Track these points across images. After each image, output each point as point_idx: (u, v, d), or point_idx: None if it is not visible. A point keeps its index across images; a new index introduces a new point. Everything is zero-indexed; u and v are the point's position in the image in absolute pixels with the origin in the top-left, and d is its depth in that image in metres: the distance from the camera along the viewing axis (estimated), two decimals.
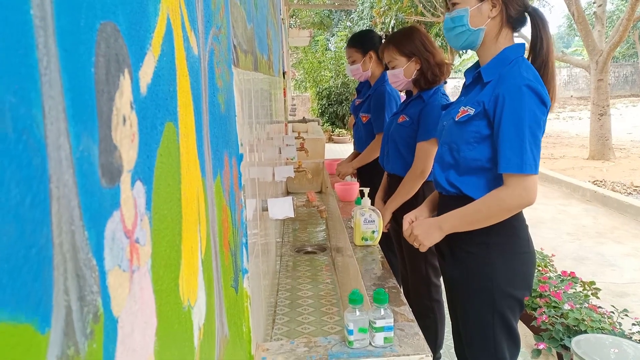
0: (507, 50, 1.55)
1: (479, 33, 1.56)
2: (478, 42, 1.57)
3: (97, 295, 0.36)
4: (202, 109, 0.77)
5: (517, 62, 1.52)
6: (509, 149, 1.45)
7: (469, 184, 1.57)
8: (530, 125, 1.44)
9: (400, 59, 2.28)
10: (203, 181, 0.75)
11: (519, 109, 1.44)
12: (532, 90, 1.44)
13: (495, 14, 1.54)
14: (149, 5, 0.51)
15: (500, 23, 1.55)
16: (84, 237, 0.34)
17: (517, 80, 1.46)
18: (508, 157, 1.45)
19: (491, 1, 1.53)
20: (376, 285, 1.63)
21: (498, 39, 1.56)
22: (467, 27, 1.56)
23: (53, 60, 0.31)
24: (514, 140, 1.44)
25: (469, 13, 1.55)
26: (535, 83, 1.46)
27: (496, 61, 1.55)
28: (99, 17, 0.38)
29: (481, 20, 1.55)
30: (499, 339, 1.60)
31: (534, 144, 1.45)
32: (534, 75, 1.49)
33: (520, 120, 1.44)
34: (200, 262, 0.71)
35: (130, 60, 0.45)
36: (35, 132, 0.28)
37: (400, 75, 2.30)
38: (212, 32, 0.89)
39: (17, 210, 0.26)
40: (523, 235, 1.60)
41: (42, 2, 0.30)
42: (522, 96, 1.44)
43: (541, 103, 1.46)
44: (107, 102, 0.39)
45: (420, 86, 2.31)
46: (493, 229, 1.55)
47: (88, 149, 0.35)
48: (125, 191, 0.43)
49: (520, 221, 1.60)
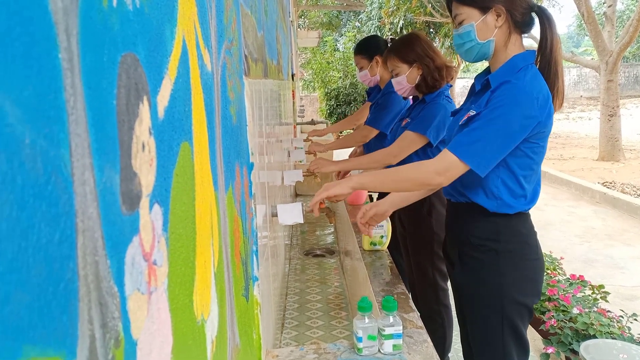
0: (516, 57, 1.55)
1: (489, 44, 1.56)
2: (490, 53, 1.57)
3: (118, 320, 0.37)
4: (215, 123, 0.78)
5: (525, 70, 1.51)
6: (466, 135, 1.48)
7: (476, 192, 1.58)
8: (500, 128, 1.44)
9: (403, 66, 2.33)
10: (216, 195, 0.77)
11: (499, 108, 1.45)
12: (522, 99, 1.45)
13: (501, 22, 1.53)
14: (165, 30, 0.52)
15: (508, 30, 1.55)
16: (106, 266, 0.35)
17: (514, 86, 1.47)
18: (460, 141, 1.48)
19: (494, 11, 1.53)
20: (385, 291, 1.64)
21: (507, 46, 1.56)
22: (475, 42, 1.56)
23: (79, 99, 0.32)
24: (476, 132, 1.46)
25: (475, 27, 1.55)
26: (530, 94, 1.46)
27: (505, 68, 1.55)
28: (120, 50, 0.40)
29: (489, 32, 1.55)
30: (508, 346, 1.60)
31: (491, 145, 1.45)
32: (538, 85, 1.49)
33: (493, 119, 1.45)
34: (213, 275, 0.72)
35: (149, 87, 0.46)
36: (64, 171, 0.30)
37: (403, 82, 2.34)
38: (225, 45, 0.90)
39: (47, 248, 0.28)
40: (532, 242, 1.61)
41: (69, 44, 0.31)
42: (509, 100, 1.45)
43: (528, 116, 1.45)
44: (128, 131, 0.41)
45: (423, 91, 2.35)
46: (502, 236, 1.55)
47: (110, 180, 0.37)
48: (144, 216, 0.44)
49: (528, 228, 1.60)
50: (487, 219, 1.58)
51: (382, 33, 14.43)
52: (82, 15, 0.33)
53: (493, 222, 1.58)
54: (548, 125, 1.51)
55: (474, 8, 1.54)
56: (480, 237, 1.60)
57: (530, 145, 1.50)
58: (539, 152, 1.53)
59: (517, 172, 1.53)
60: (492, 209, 1.56)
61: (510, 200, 1.55)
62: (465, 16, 1.56)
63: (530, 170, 1.55)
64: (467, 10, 1.56)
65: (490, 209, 1.56)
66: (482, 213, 1.58)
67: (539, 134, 1.50)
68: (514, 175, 1.53)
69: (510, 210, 1.56)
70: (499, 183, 1.54)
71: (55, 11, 0.30)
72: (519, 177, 1.53)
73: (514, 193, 1.55)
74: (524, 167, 1.53)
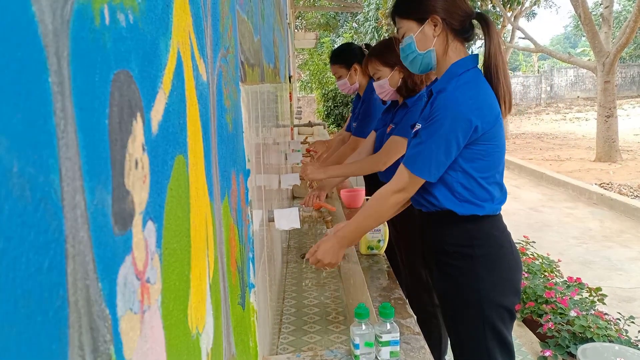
0: (454, 65, 1.58)
1: (430, 54, 1.60)
2: (433, 62, 1.62)
3: (110, 343, 0.37)
4: (210, 133, 0.78)
5: (460, 76, 1.55)
6: (413, 148, 1.56)
7: (445, 197, 1.60)
8: (439, 136, 1.50)
9: (384, 70, 2.34)
10: (211, 205, 0.76)
11: (435, 118, 1.51)
12: (453, 105, 1.49)
13: (438, 32, 1.57)
14: (160, 44, 0.51)
15: (446, 38, 1.59)
16: (97, 289, 0.35)
17: (449, 99, 1.50)
18: (409, 155, 1.57)
19: (431, 21, 1.57)
20: (382, 297, 1.63)
21: (448, 53, 1.60)
22: (417, 53, 1.61)
23: (70, 122, 0.31)
24: (420, 145, 1.53)
25: (414, 39, 1.60)
26: (460, 99, 1.50)
27: (444, 77, 1.59)
28: (112, 68, 0.39)
29: (428, 42, 1.59)
30: (492, 351, 1.61)
31: (435, 154, 1.52)
32: (473, 89, 1.52)
33: (431, 129, 1.51)
34: (209, 286, 0.72)
35: (143, 102, 0.46)
36: (53, 197, 0.29)
37: (386, 85, 2.36)
38: (221, 53, 0.90)
39: (36, 277, 0.27)
40: (506, 243, 1.64)
41: (59, 67, 0.30)
42: (444, 114, 1.49)
43: (462, 119, 1.49)
44: (120, 150, 0.40)
45: (403, 94, 2.36)
46: (475, 241, 1.59)
47: (102, 201, 0.36)
48: (137, 234, 0.43)
49: (501, 230, 1.64)
50: (459, 225, 1.61)
51: (380, 34, 14.45)
52: (73, 36, 0.32)
53: (465, 229, 1.60)
54: (494, 126, 1.53)
55: (412, 20, 1.60)
56: (454, 244, 1.62)
57: (480, 148, 1.54)
58: (492, 152, 1.56)
59: (475, 176, 1.56)
60: (462, 212, 1.58)
61: (478, 203, 1.58)
62: (406, 29, 1.62)
63: (488, 172, 1.57)
64: (406, 23, 1.62)
65: (460, 212, 1.58)
66: (453, 220, 1.61)
67: (485, 136, 1.52)
68: (474, 180, 1.56)
69: (480, 212, 1.58)
70: (462, 189, 1.57)
71: (45, 34, 0.29)
72: (479, 180, 1.56)
73: (478, 196, 1.57)
74: (481, 170, 1.56)
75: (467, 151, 1.53)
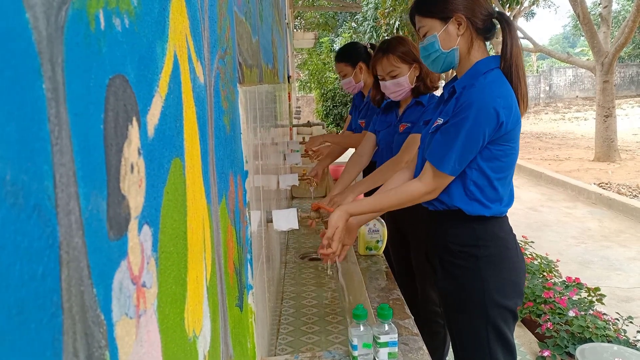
0: (478, 63, 1.59)
1: (454, 53, 1.60)
2: (456, 61, 1.62)
3: (105, 349, 0.37)
4: (207, 135, 0.78)
5: (487, 74, 1.55)
6: (439, 145, 1.55)
7: (455, 195, 1.59)
8: (466, 129, 1.49)
9: (403, 67, 2.28)
10: (208, 207, 0.76)
11: (463, 111, 1.50)
12: (483, 98, 1.49)
13: (462, 31, 1.57)
14: (156, 47, 0.51)
15: (470, 37, 1.59)
16: (92, 295, 0.35)
17: (478, 94, 1.50)
18: (435, 152, 1.55)
19: (455, 20, 1.57)
20: (380, 297, 1.64)
21: (471, 52, 1.60)
22: (440, 52, 1.60)
23: (64, 128, 0.31)
24: (446, 140, 1.52)
25: (438, 38, 1.59)
26: (490, 94, 1.49)
27: (468, 74, 1.59)
28: (108, 73, 0.39)
29: (452, 41, 1.59)
30: (494, 351, 1.61)
31: (462, 148, 1.51)
32: (500, 87, 1.52)
33: (459, 123, 1.50)
34: (206, 289, 0.72)
35: (139, 106, 0.46)
36: (47, 204, 0.29)
37: (405, 83, 2.28)
38: (218, 55, 0.90)
39: (29, 285, 0.27)
40: (511, 245, 1.64)
41: (53, 74, 0.30)
42: (473, 109, 1.49)
43: (490, 113, 1.48)
44: (116, 154, 0.40)
45: (419, 92, 2.32)
46: (481, 241, 1.58)
47: (97, 207, 0.36)
48: (133, 239, 0.43)
49: (507, 231, 1.64)
50: (465, 224, 1.61)
51: (378, 34, 14.44)
52: (68, 42, 0.32)
53: (471, 228, 1.60)
54: (516, 127, 1.54)
55: (436, 19, 1.59)
56: (460, 243, 1.62)
57: (500, 148, 1.54)
58: (510, 153, 1.56)
59: (491, 176, 1.56)
60: (470, 212, 1.58)
61: (486, 204, 1.58)
62: (428, 28, 1.61)
63: (502, 174, 1.57)
64: (429, 22, 1.61)
65: (468, 211, 1.58)
66: (460, 219, 1.61)
67: (506, 135, 1.53)
68: (488, 179, 1.56)
69: (487, 212, 1.58)
70: (474, 187, 1.57)
71: (39, 41, 0.29)
72: (493, 181, 1.57)
73: (488, 197, 1.57)
74: (497, 171, 1.56)
75: (487, 151, 1.53)
